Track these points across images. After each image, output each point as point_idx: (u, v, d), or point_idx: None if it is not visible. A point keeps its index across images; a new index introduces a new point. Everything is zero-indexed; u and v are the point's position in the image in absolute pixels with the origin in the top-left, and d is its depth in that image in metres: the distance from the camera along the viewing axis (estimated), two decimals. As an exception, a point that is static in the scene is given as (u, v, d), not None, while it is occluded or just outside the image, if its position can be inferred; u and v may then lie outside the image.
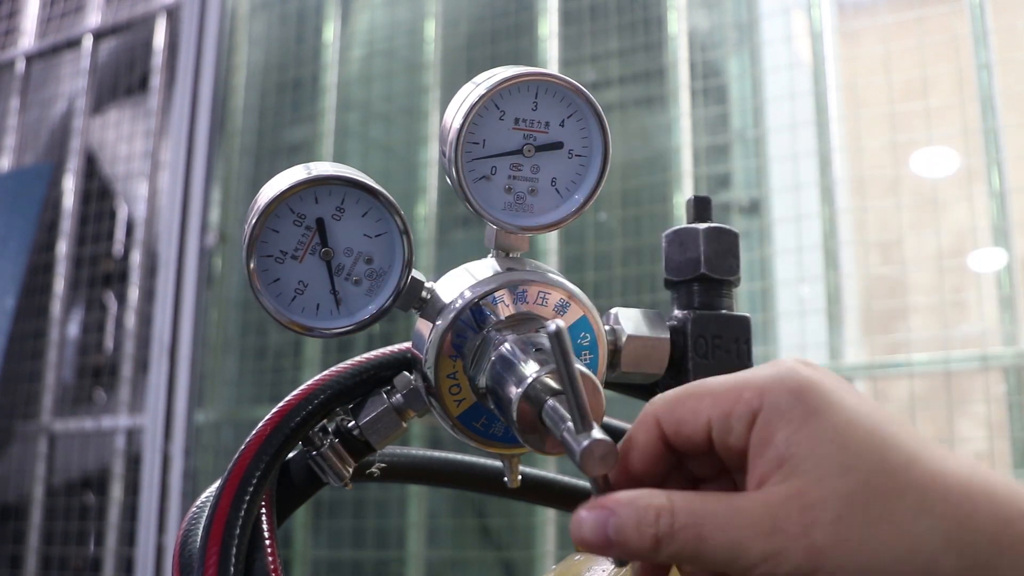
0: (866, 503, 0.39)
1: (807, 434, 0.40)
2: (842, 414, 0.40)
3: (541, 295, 0.59)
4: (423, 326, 0.61)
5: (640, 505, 0.42)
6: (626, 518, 0.42)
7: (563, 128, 0.60)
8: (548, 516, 2.37)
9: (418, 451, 0.79)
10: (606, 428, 0.65)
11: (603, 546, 0.42)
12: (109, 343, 3.27)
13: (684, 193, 2.39)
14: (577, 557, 0.66)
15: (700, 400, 0.44)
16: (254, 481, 0.61)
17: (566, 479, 0.81)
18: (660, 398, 0.46)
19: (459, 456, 0.79)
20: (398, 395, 0.64)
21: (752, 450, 0.41)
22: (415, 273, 0.60)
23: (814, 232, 2.24)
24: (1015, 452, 2.03)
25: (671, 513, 0.41)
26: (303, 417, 0.64)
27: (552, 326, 0.43)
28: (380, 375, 0.66)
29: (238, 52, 3.15)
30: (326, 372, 0.65)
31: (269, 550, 0.60)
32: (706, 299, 0.67)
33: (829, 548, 0.39)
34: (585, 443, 0.43)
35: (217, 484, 0.62)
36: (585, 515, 0.43)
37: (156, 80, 3.20)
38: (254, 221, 0.57)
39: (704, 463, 0.46)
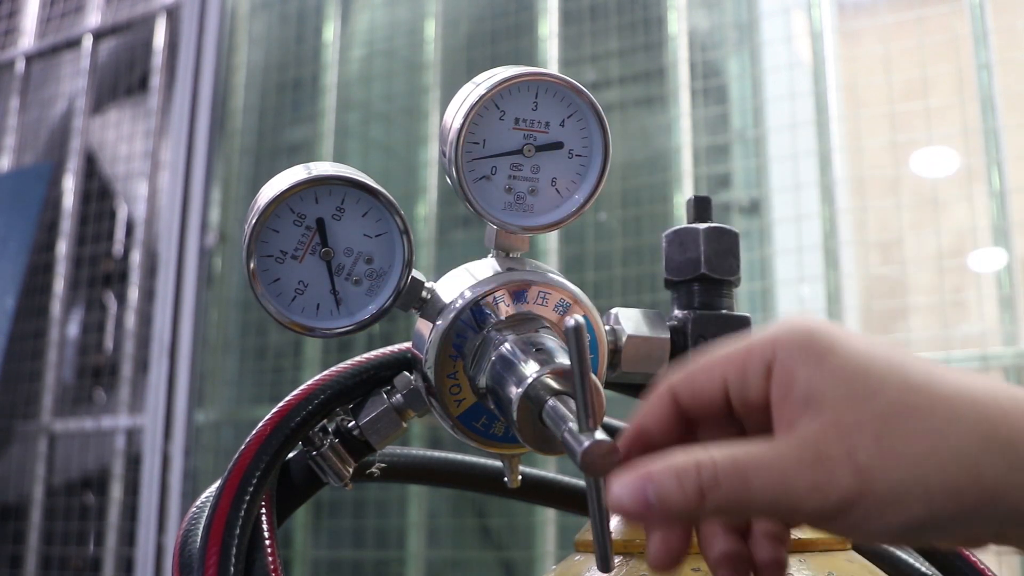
0: (901, 419, 0.40)
1: (827, 370, 0.41)
2: (855, 349, 0.42)
3: (541, 295, 0.59)
4: (423, 326, 0.61)
5: (677, 462, 0.41)
6: (665, 478, 0.41)
7: (563, 128, 0.60)
8: (548, 516, 2.37)
9: (418, 451, 0.79)
10: (605, 428, 0.65)
11: (644, 512, 0.41)
12: (109, 343, 3.27)
13: (684, 193, 2.39)
14: (577, 557, 0.66)
15: (714, 364, 0.44)
16: (254, 481, 0.61)
17: (566, 479, 0.81)
18: (675, 371, 0.46)
19: (459, 456, 0.79)
20: (398, 395, 0.64)
21: (775, 398, 0.42)
22: (415, 273, 0.60)
23: (814, 232, 2.24)
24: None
25: (713, 463, 0.41)
26: (303, 417, 0.64)
27: (571, 321, 0.43)
28: (380, 375, 0.66)
29: (238, 52, 3.15)
30: (326, 372, 0.65)
31: (269, 550, 0.60)
32: (706, 299, 0.67)
33: (876, 467, 0.39)
34: (586, 443, 0.43)
35: (217, 484, 0.62)
36: (621, 484, 0.42)
37: (156, 80, 3.20)
38: (254, 221, 0.57)
39: (717, 430, 0.46)
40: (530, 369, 0.52)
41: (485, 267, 0.61)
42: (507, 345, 0.55)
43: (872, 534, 0.41)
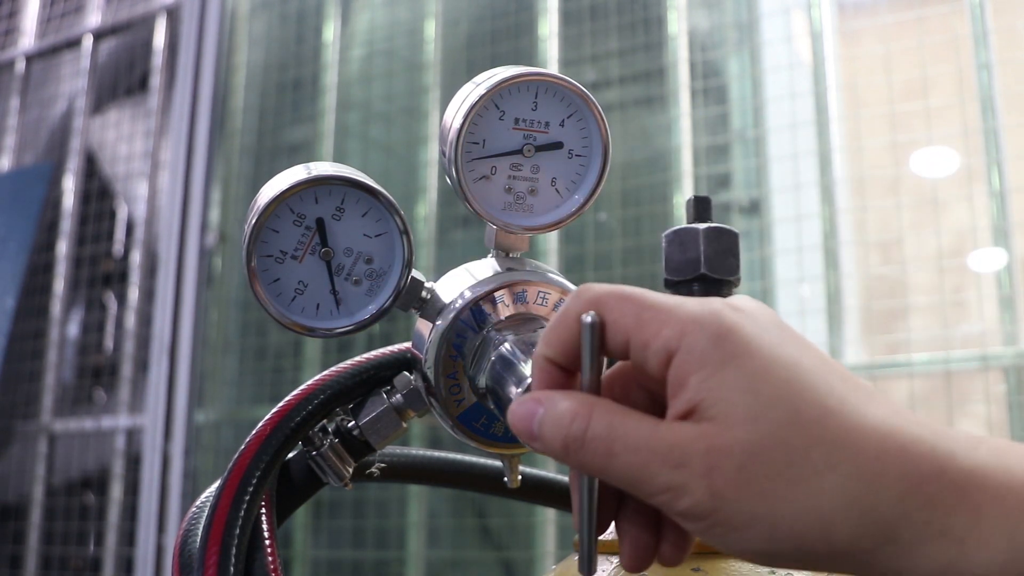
0: (771, 456, 0.38)
1: (720, 380, 0.39)
2: (759, 361, 0.39)
3: (541, 295, 0.59)
4: (423, 326, 0.61)
5: (560, 405, 0.41)
6: (549, 417, 0.41)
7: (563, 128, 0.60)
8: (548, 516, 2.37)
9: (418, 451, 0.79)
10: None
11: (527, 437, 0.42)
12: (109, 343, 3.27)
13: (684, 193, 2.39)
14: (577, 557, 0.66)
15: (623, 315, 0.42)
16: (254, 481, 0.61)
17: (566, 479, 0.81)
18: (592, 288, 0.43)
19: (459, 456, 0.79)
20: (398, 395, 0.64)
21: (669, 388, 0.41)
22: (415, 273, 0.60)
23: (814, 232, 2.24)
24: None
25: (586, 419, 0.41)
26: (303, 417, 0.64)
27: (588, 318, 0.42)
28: (380, 375, 0.66)
29: (238, 52, 3.15)
30: (326, 372, 0.65)
31: (269, 550, 0.60)
32: (706, 299, 0.67)
33: (729, 494, 0.38)
34: None
35: (217, 484, 0.62)
36: (519, 403, 0.43)
37: (156, 80, 3.20)
38: (254, 221, 0.57)
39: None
40: (530, 369, 0.52)
41: (485, 267, 0.61)
42: (507, 345, 0.55)
43: (720, 548, 0.40)
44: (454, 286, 0.60)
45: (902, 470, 0.38)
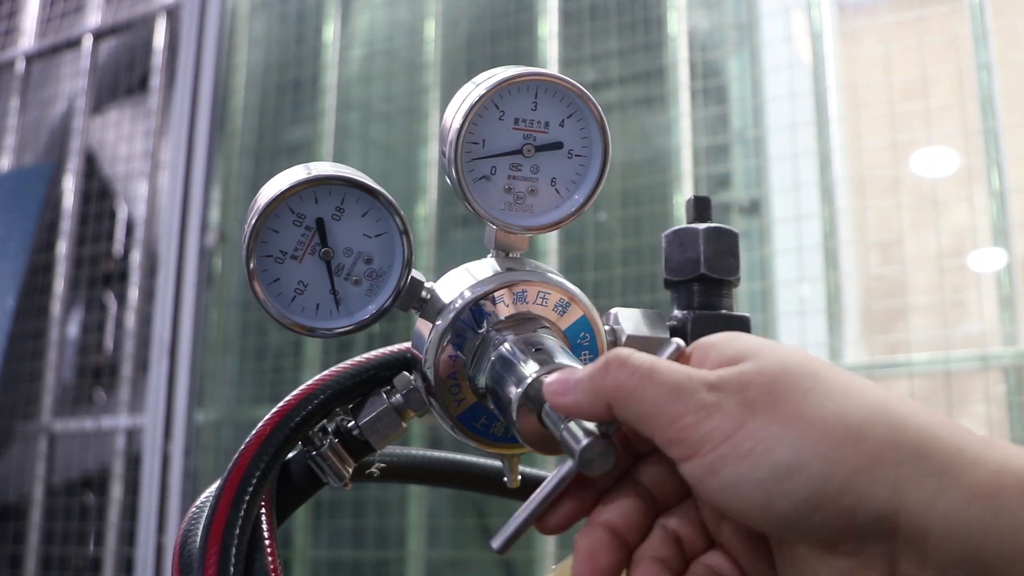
0: (800, 375, 0.42)
1: (761, 346, 0.45)
2: (783, 348, 0.45)
3: (541, 295, 0.59)
4: (423, 326, 0.61)
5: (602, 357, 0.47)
6: (587, 366, 0.47)
7: (563, 128, 0.60)
8: (548, 516, 2.36)
9: (418, 451, 0.79)
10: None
11: (561, 389, 0.47)
12: (109, 343, 3.27)
13: (684, 193, 2.39)
14: (577, 557, 0.66)
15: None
16: (254, 481, 0.61)
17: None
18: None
19: (459, 456, 0.79)
20: (398, 395, 0.64)
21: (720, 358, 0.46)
22: (415, 273, 0.60)
23: (814, 232, 2.24)
24: (1015, 452, 2.03)
25: (628, 352, 0.46)
26: (303, 417, 0.64)
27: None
28: (380, 375, 0.66)
29: (238, 52, 3.15)
30: (326, 372, 0.65)
31: (269, 550, 0.60)
32: (706, 299, 0.67)
33: (760, 402, 0.41)
34: (585, 442, 0.44)
35: (217, 484, 0.62)
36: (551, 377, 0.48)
37: (156, 80, 3.20)
38: (254, 221, 0.57)
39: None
40: (530, 369, 0.52)
41: (485, 267, 0.61)
42: (507, 345, 0.55)
43: (736, 483, 0.40)
44: (454, 286, 0.60)
45: (923, 412, 0.41)
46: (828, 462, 0.39)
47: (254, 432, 0.63)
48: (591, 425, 0.45)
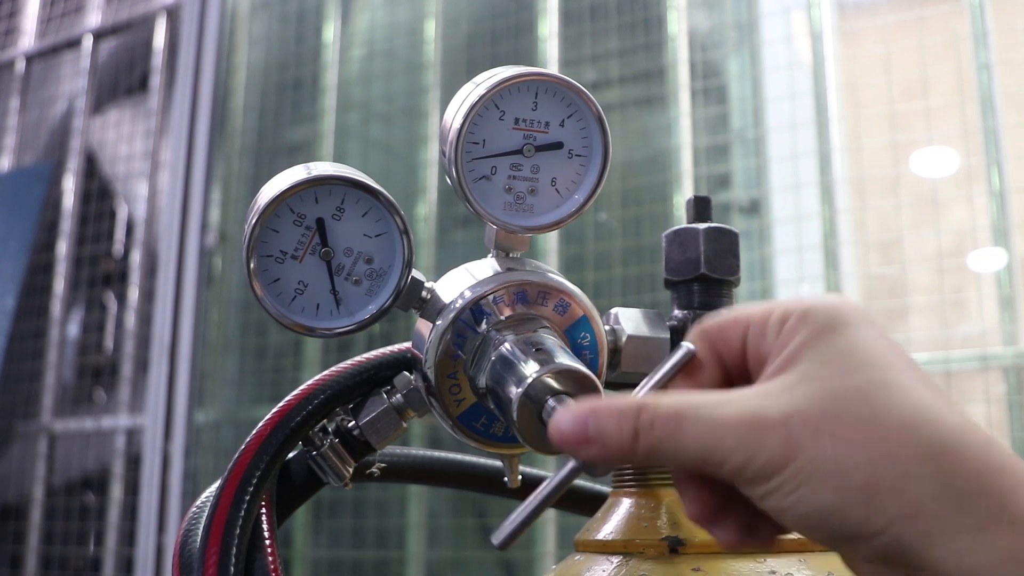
0: (852, 407, 0.39)
1: (822, 340, 0.41)
2: (863, 333, 0.41)
3: (541, 295, 0.59)
4: (423, 326, 0.61)
5: (622, 404, 0.42)
6: (607, 414, 0.42)
7: (563, 128, 0.60)
8: (548, 516, 2.37)
9: (418, 451, 0.79)
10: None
11: (580, 440, 0.42)
12: (109, 343, 3.27)
13: (684, 193, 2.39)
14: (577, 557, 0.66)
15: (741, 310, 0.45)
16: (254, 481, 0.61)
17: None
18: (708, 317, 0.47)
19: (459, 456, 0.79)
20: (398, 395, 0.64)
21: (772, 353, 0.42)
22: (415, 273, 0.60)
23: (814, 232, 2.24)
24: (1015, 452, 2.03)
25: (655, 407, 0.41)
26: (303, 417, 0.64)
27: (683, 350, 0.46)
28: (380, 375, 0.66)
29: (238, 52, 3.15)
30: (326, 372, 0.65)
31: (269, 550, 0.60)
32: (706, 299, 0.67)
33: (806, 439, 0.39)
34: None
35: (217, 484, 0.62)
36: (567, 412, 0.43)
37: (156, 80, 3.20)
38: (254, 221, 0.57)
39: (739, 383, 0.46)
40: (530, 369, 0.52)
41: (485, 267, 0.61)
42: (507, 345, 0.55)
43: (784, 511, 0.40)
44: (454, 286, 0.60)
45: (980, 455, 0.38)
46: (869, 508, 0.38)
47: (254, 432, 0.63)
48: None
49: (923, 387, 0.40)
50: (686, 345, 0.46)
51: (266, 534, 0.61)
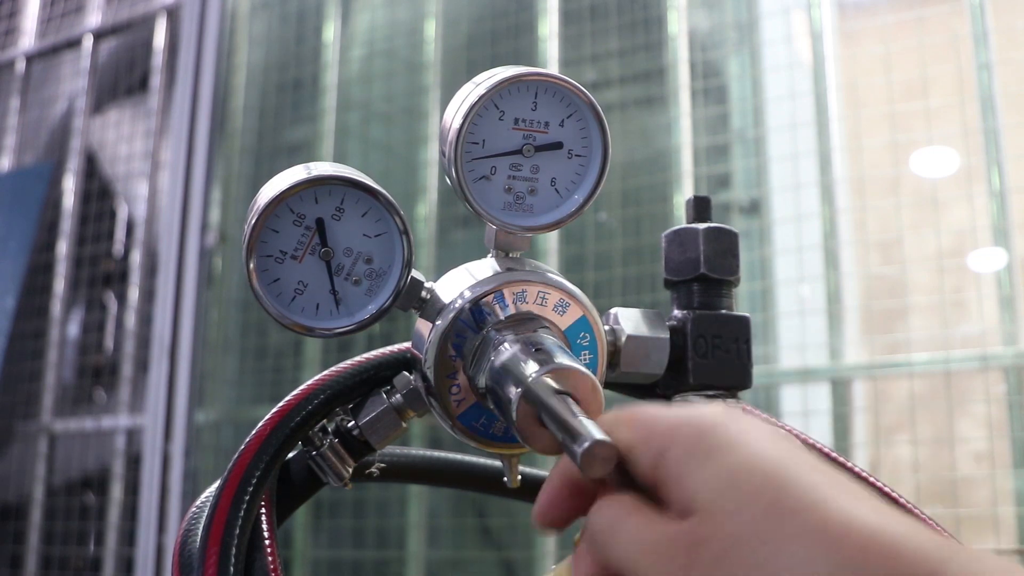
0: (750, 548, 0.37)
1: (704, 474, 0.40)
2: (741, 454, 0.40)
3: (541, 295, 0.59)
4: (423, 326, 0.61)
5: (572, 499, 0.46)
6: (559, 510, 0.47)
7: (563, 128, 0.60)
8: (548, 516, 2.36)
9: (418, 451, 0.79)
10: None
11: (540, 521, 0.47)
12: (109, 343, 3.27)
13: (684, 193, 2.39)
14: (577, 557, 0.66)
15: (626, 424, 0.45)
16: (254, 481, 0.61)
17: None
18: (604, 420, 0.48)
19: (459, 456, 0.79)
20: (398, 395, 0.64)
21: (661, 485, 0.42)
22: (415, 273, 0.60)
23: (814, 232, 2.24)
24: (1015, 452, 2.03)
25: (596, 513, 0.44)
26: (303, 417, 0.64)
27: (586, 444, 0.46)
28: (380, 375, 0.66)
29: (238, 52, 3.15)
30: (326, 372, 0.65)
31: (269, 550, 0.60)
32: (706, 299, 0.67)
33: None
34: (586, 444, 0.44)
35: (217, 484, 0.62)
36: (542, 492, 0.47)
37: (156, 80, 3.20)
38: (254, 221, 0.57)
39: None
40: (530, 369, 0.52)
41: (485, 267, 0.61)
42: (507, 345, 0.55)
43: None
44: (454, 286, 0.60)
45: (891, 567, 0.36)
46: None
47: (254, 432, 0.63)
48: (592, 426, 0.45)
49: (823, 483, 0.39)
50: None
51: (266, 534, 0.61)
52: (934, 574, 0.35)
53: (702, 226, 0.67)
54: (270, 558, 0.60)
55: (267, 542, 0.61)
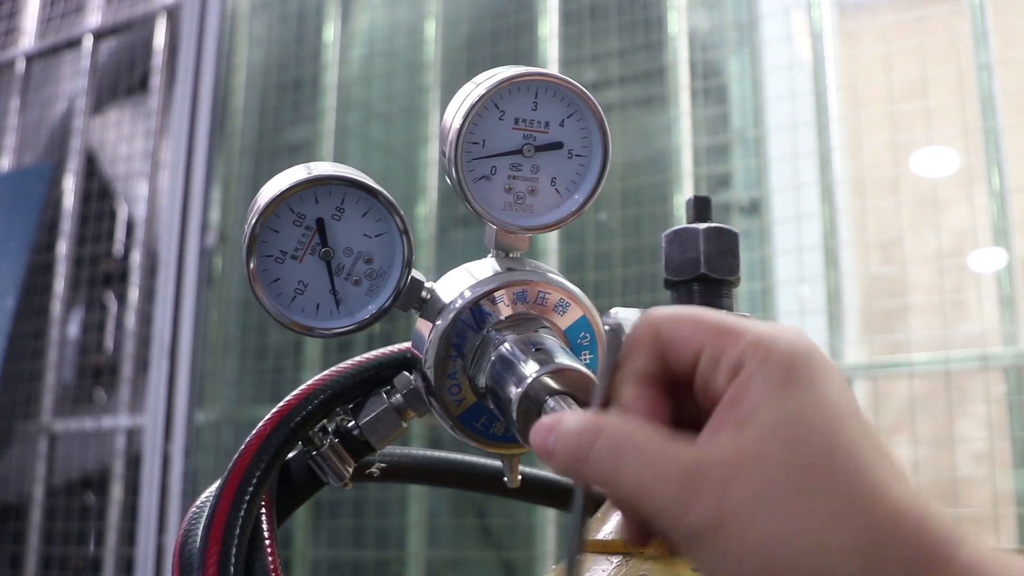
0: (791, 491, 0.37)
1: (777, 399, 0.39)
2: (819, 394, 0.39)
3: (541, 295, 0.59)
4: (423, 326, 0.61)
5: (569, 422, 0.42)
6: (562, 433, 0.42)
7: (563, 128, 0.60)
8: (548, 516, 2.37)
9: (418, 451, 0.79)
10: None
11: (544, 455, 0.43)
12: (109, 343, 3.27)
13: (684, 193, 2.39)
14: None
15: (700, 324, 0.42)
16: (254, 481, 0.61)
17: (566, 479, 0.81)
18: (662, 309, 0.44)
19: (459, 456, 0.79)
20: (398, 395, 0.64)
21: (723, 400, 0.40)
22: (415, 273, 0.60)
23: (814, 232, 2.24)
24: (1015, 452, 2.03)
25: (595, 436, 0.41)
26: (303, 417, 0.64)
27: (611, 322, 0.44)
28: (380, 375, 0.66)
29: (238, 52, 3.15)
30: (326, 372, 0.65)
31: (269, 550, 0.60)
32: (706, 299, 0.67)
33: (737, 517, 0.37)
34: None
35: (217, 484, 0.62)
36: (539, 424, 0.43)
37: (156, 80, 3.20)
38: (254, 221, 0.57)
39: (689, 402, 0.44)
40: (530, 369, 0.52)
41: (485, 267, 0.61)
42: (507, 345, 0.56)
43: (709, 573, 0.39)
44: (454, 286, 0.60)
45: (915, 542, 0.37)
46: None
47: (254, 432, 0.63)
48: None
49: (873, 451, 0.39)
50: (613, 326, 0.44)
51: (266, 534, 0.61)
52: (951, 556, 0.37)
53: (702, 226, 0.67)
54: (270, 558, 0.60)
55: (267, 542, 0.61)
